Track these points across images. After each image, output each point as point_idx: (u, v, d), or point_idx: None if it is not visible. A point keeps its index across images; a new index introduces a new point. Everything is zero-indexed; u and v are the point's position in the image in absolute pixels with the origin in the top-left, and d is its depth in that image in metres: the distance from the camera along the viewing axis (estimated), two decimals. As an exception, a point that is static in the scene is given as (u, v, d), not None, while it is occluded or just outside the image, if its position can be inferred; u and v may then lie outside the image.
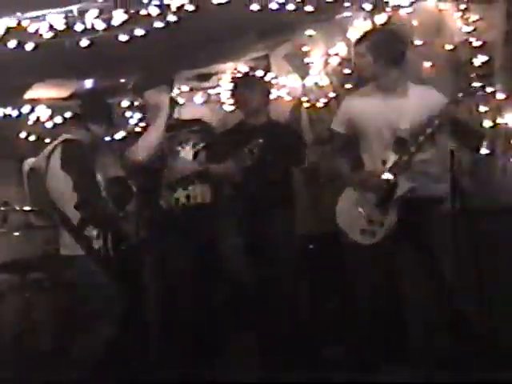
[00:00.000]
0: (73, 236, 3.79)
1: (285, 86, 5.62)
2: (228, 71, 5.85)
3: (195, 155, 4.14)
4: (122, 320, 3.79)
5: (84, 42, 4.27)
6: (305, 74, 5.49)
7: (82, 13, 4.12)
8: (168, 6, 4.17)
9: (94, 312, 3.76)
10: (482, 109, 4.26)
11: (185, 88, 6.06)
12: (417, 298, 3.90)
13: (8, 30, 4.12)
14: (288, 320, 4.23)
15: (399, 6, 4.66)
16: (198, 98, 6.20)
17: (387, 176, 3.58)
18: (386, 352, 3.71)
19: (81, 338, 3.79)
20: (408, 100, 3.66)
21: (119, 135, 6.06)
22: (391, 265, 3.75)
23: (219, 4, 4.17)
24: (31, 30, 4.15)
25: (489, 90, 4.22)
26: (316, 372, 3.93)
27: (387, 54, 3.65)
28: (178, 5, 4.16)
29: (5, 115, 5.80)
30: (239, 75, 5.64)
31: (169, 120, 4.09)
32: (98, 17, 4.14)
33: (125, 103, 6.02)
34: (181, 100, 5.65)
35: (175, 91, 6.14)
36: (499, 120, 4.25)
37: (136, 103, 6.10)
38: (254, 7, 4.30)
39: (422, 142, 3.57)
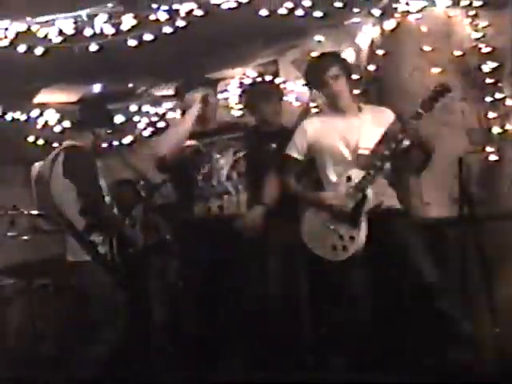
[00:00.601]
0: (78, 242, 3.79)
1: (293, 91, 5.62)
2: (236, 76, 5.85)
3: (234, 164, 4.02)
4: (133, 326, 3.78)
5: (93, 47, 4.28)
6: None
7: (91, 17, 4.14)
8: (177, 11, 4.18)
9: (99, 318, 3.75)
10: (491, 115, 4.26)
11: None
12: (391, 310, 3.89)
13: (18, 34, 4.13)
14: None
15: (408, 12, 4.66)
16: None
17: (355, 192, 3.60)
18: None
19: (88, 343, 3.78)
20: (362, 119, 3.75)
21: (126, 140, 6.11)
22: (365, 278, 3.72)
23: (228, 9, 4.18)
24: (41, 34, 4.16)
25: (498, 96, 4.21)
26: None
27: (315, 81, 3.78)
28: (187, 10, 4.17)
29: (14, 119, 5.81)
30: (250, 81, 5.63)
31: (206, 124, 4.01)
32: (107, 21, 4.15)
33: (133, 108, 6.04)
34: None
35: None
36: (508, 126, 4.24)
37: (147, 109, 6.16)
38: (263, 13, 4.31)
39: (387, 156, 3.59)
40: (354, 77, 3.95)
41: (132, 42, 4.31)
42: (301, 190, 3.84)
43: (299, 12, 4.37)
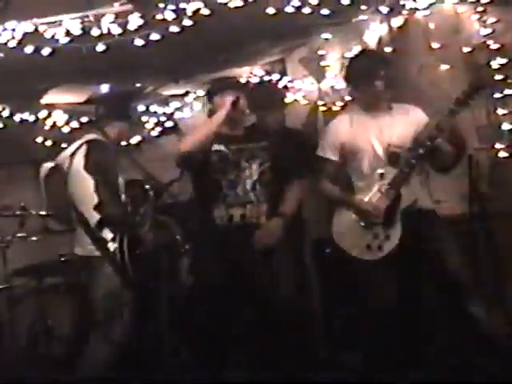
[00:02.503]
0: (89, 236, 3.78)
1: (300, 89, 5.61)
2: (244, 75, 5.85)
3: (260, 174, 3.93)
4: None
5: (100, 47, 4.28)
6: (321, 78, 5.48)
7: (98, 17, 4.14)
8: (184, 10, 4.18)
9: (105, 316, 3.75)
10: (501, 111, 4.24)
11: (200, 92, 6.07)
12: (428, 309, 3.87)
13: (25, 35, 4.14)
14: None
15: (416, 9, 4.64)
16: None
17: (389, 190, 3.58)
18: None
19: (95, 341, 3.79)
20: (394, 117, 3.72)
21: (134, 140, 6.11)
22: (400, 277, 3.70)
23: (235, 8, 4.17)
24: (48, 35, 4.17)
25: (507, 92, 4.19)
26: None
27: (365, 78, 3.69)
28: (194, 9, 4.16)
29: (22, 120, 5.83)
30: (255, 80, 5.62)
31: (234, 128, 3.96)
32: (113, 22, 4.15)
33: (141, 107, 6.04)
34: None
35: (192, 96, 6.18)
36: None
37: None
38: (270, 11, 4.30)
39: (421, 155, 3.57)
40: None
41: (139, 42, 4.31)
42: (336, 192, 3.80)
43: (306, 10, 4.35)
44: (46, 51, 4.25)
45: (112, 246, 3.77)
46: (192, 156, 3.87)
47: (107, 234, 3.77)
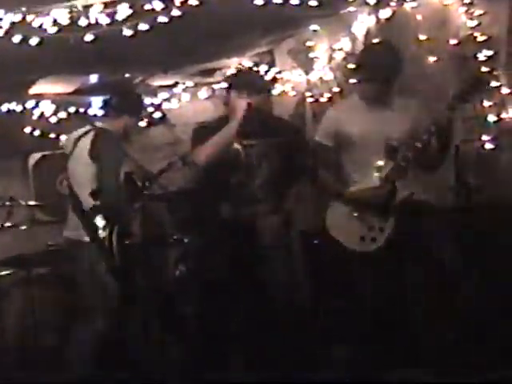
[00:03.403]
0: (81, 221, 3.80)
1: (289, 80, 5.62)
2: (232, 66, 5.85)
3: (270, 173, 3.93)
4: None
5: (88, 37, 4.27)
6: (309, 69, 5.49)
7: (86, 7, 4.13)
8: (172, 0, 4.17)
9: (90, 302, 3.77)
10: (487, 103, 4.26)
11: (189, 83, 6.07)
12: (420, 302, 3.89)
13: (13, 24, 4.12)
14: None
15: (404, 1, 4.65)
16: (202, 93, 6.20)
17: (385, 183, 3.59)
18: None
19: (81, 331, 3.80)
20: (394, 110, 3.73)
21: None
22: (393, 270, 3.72)
23: (223, -2, 4.17)
24: (36, 24, 4.15)
25: (493, 84, 4.21)
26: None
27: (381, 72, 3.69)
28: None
29: (9, 110, 5.81)
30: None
31: (247, 126, 3.87)
32: (102, 11, 4.14)
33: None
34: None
35: (180, 87, 6.18)
36: (504, 115, 4.24)
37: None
38: (258, 1, 4.30)
39: (418, 149, 3.58)
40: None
41: (127, 32, 4.30)
42: (330, 180, 3.81)
43: (295, 1, 4.36)
44: (33, 41, 4.24)
45: (102, 234, 3.78)
46: (209, 165, 3.82)
47: (99, 221, 3.79)
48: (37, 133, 5.91)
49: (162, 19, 4.24)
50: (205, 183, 4.04)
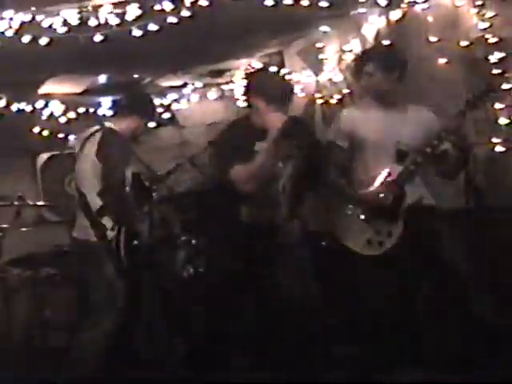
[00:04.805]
0: (88, 221, 3.80)
1: (298, 82, 5.60)
2: (242, 67, 5.84)
3: (291, 176, 3.75)
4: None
5: (98, 37, 4.27)
6: (319, 71, 5.48)
7: (95, 8, 4.13)
8: (182, 1, 4.17)
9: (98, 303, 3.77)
10: (498, 106, 4.24)
11: (198, 84, 6.06)
12: (428, 308, 3.87)
13: (22, 24, 4.13)
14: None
15: (415, 2, 4.63)
16: (212, 94, 6.20)
17: (393, 187, 3.58)
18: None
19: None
20: (406, 115, 3.71)
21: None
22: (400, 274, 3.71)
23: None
24: (45, 24, 4.16)
25: (505, 86, 4.18)
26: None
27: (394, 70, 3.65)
28: (192, 0, 4.16)
29: (19, 110, 5.82)
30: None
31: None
32: (111, 12, 4.14)
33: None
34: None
35: (190, 88, 6.18)
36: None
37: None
38: (269, 3, 4.29)
39: (428, 154, 3.57)
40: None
41: (137, 33, 4.30)
42: (340, 183, 3.76)
43: (305, 2, 4.34)
44: (43, 41, 4.24)
45: (110, 234, 3.78)
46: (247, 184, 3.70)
47: (107, 222, 3.79)
48: (46, 133, 5.92)
49: (172, 20, 4.24)
50: (222, 186, 3.98)
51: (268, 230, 3.77)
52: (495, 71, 4.25)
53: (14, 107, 5.79)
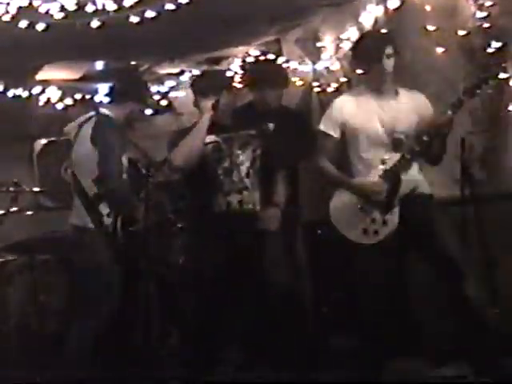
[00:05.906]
0: (85, 207, 3.80)
1: (296, 70, 5.59)
2: (239, 55, 5.83)
3: (253, 161, 3.96)
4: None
5: (95, 23, 4.26)
6: (316, 59, 5.47)
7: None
8: (180, -13, 4.16)
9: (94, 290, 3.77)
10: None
11: (196, 71, 6.05)
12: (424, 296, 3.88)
13: (19, 9, 4.11)
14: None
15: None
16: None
17: (389, 175, 3.59)
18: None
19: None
20: (400, 102, 3.70)
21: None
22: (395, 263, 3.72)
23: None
24: (42, 10, 4.14)
25: (502, 76, 4.18)
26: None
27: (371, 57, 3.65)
28: (190, -14, 4.14)
29: (15, 96, 5.80)
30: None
31: (222, 121, 3.93)
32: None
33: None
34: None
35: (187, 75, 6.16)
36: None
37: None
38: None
39: (425, 142, 3.57)
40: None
41: (134, 19, 4.28)
42: (335, 172, 3.77)
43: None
44: (40, 26, 4.23)
45: (106, 221, 3.78)
46: (188, 165, 3.88)
47: (103, 208, 3.79)
48: (42, 119, 5.92)
49: (169, 6, 4.22)
50: (190, 176, 4.04)
51: (242, 217, 3.83)
52: (492, 61, 4.25)
53: (11, 93, 5.77)
